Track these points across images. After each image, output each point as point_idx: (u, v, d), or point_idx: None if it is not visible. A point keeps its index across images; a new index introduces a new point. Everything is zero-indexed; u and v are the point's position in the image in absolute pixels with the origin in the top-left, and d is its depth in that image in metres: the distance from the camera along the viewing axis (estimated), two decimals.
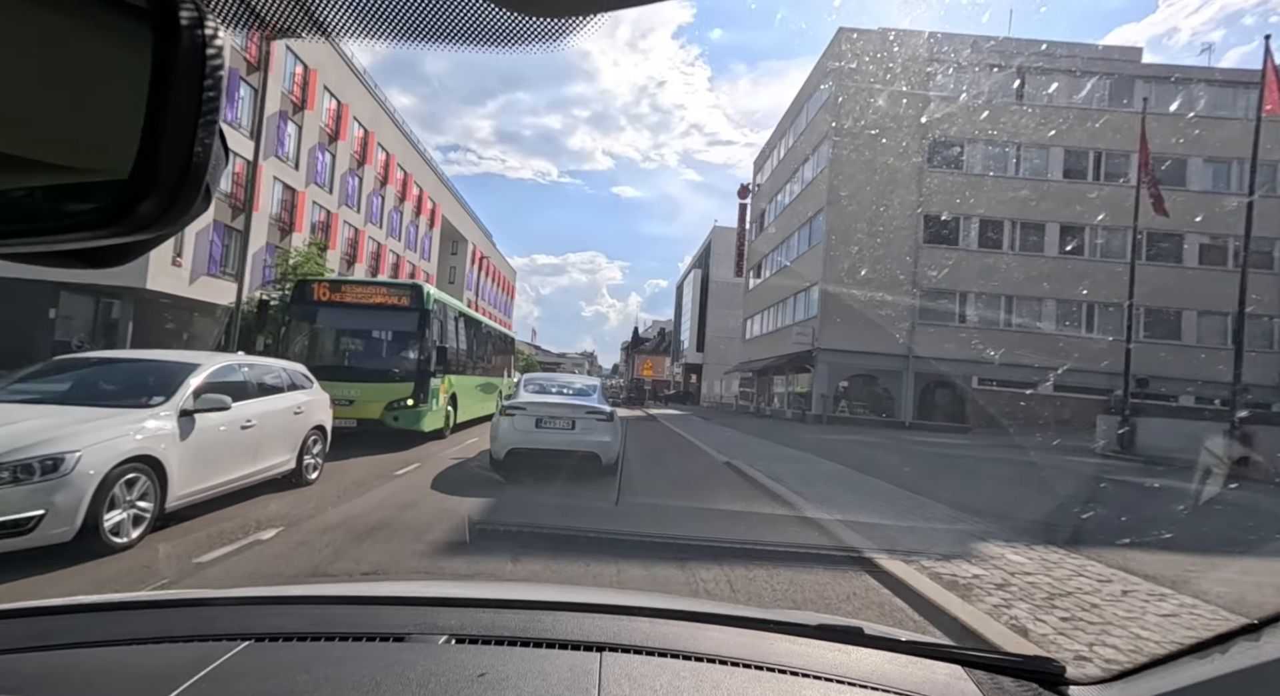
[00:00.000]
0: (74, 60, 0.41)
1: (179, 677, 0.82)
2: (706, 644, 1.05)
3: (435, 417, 11.73)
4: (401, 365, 10.92)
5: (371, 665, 0.92)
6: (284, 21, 0.54)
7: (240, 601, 1.21)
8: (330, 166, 33.14)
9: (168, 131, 0.37)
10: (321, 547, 4.69)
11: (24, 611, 1.12)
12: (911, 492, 8.41)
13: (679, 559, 4.75)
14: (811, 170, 30.69)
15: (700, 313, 62.92)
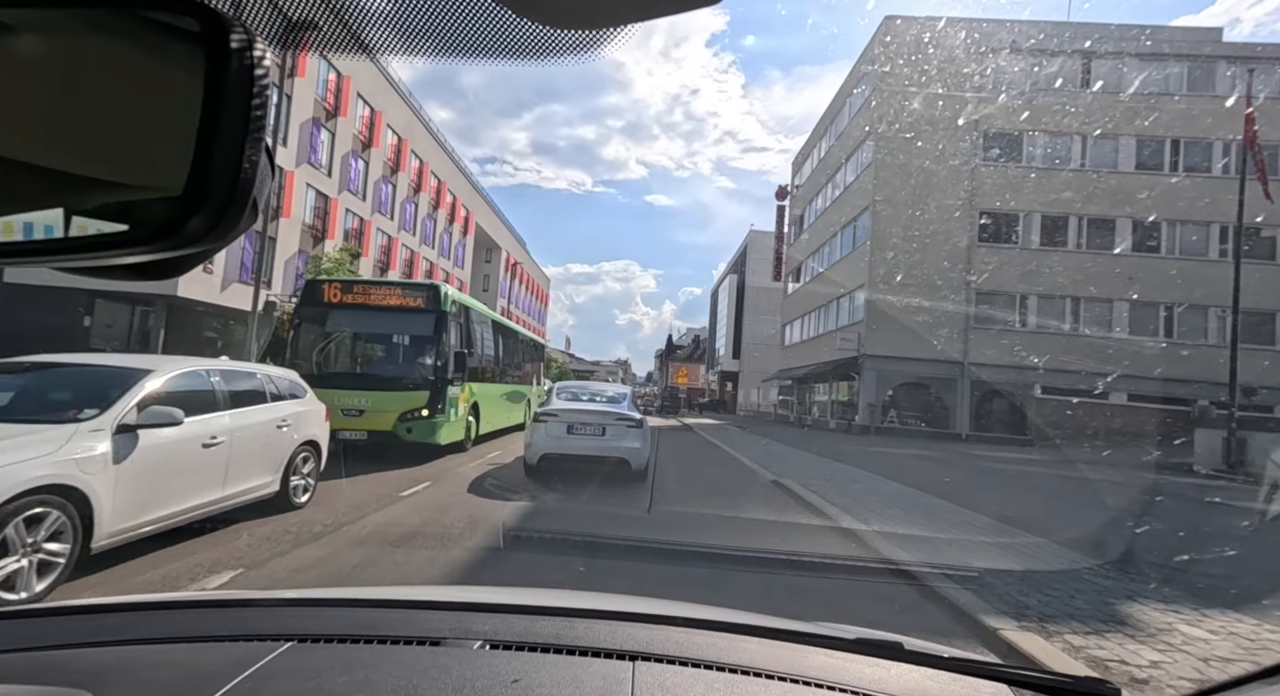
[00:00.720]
0: (132, 83, 0.43)
1: (225, 676, 0.84)
2: (741, 655, 1.03)
3: (454, 429, 10.80)
4: (416, 372, 10.02)
5: (408, 669, 0.93)
6: (330, 41, 0.58)
7: (282, 603, 1.24)
8: (363, 173, 33.05)
9: (218, 149, 0.39)
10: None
11: (82, 609, 1.19)
12: (1010, 525, 7.06)
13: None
14: (854, 168, 29.18)
15: (736, 319, 61.45)
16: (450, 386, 10.41)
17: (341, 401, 9.57)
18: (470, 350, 12.03)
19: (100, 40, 0.43)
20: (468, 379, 11.76)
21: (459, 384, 10.92)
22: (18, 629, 1.08)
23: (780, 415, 40.94)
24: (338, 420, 9.56)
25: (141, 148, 0.44)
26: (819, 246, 33.85)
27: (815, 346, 32.60)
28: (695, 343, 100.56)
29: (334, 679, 0.88)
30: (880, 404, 25.95)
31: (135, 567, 4.17)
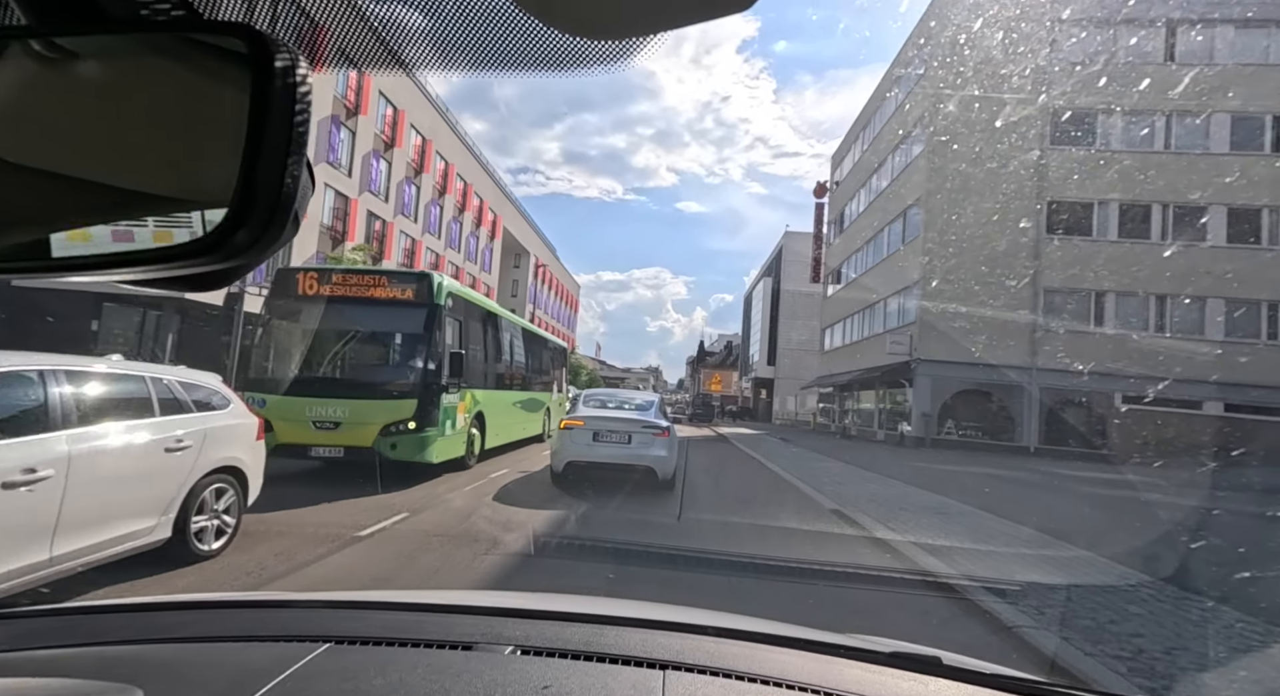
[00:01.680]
0: (183, 103, 0.46)
1: (268, 675, 0.86)
2: (773, 666, 1.02)
3: (450, 444, 9.15)
4: (402, 377, 8.41)
5: (441, 672, 0.94)
6: (369, 58, 0.61)
7: (321, 604, 1.27)
8: (385, 174, 32.10)
9: (263, 164, 0.41)
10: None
11: (133, 607, 1.23)
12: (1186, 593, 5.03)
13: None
14: (904, 157, 26.94)
15: (771, 324, 59.19)
16: (446, 394, 8.77)
17: (314, 412, 8.01)
18: (473, 351, 10.39)
19: (154, 63, 0.45)
20: (470, 385, 10.12)
21: (458, 391, 9.28)
22: (74, 624, 1.13)
23: (821, 424, 38.56)
24: (309, 434, 8.00)
25: (192, 164, 0.46)
26: (863, 244, 31.58)
27: (859, 351, 30.30)
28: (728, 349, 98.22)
29: (370, 680, 0.90)
30: (935, 413, 23.58)
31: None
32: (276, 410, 7.98)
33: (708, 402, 44.44)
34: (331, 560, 4.80)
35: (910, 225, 25.74)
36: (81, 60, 0.46)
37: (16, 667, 0.93)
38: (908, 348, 24.23)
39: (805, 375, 51.11)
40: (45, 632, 1.07)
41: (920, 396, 23.67)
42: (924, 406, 23.57)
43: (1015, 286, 22.99)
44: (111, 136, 0.47)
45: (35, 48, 0.45)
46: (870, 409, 29.62)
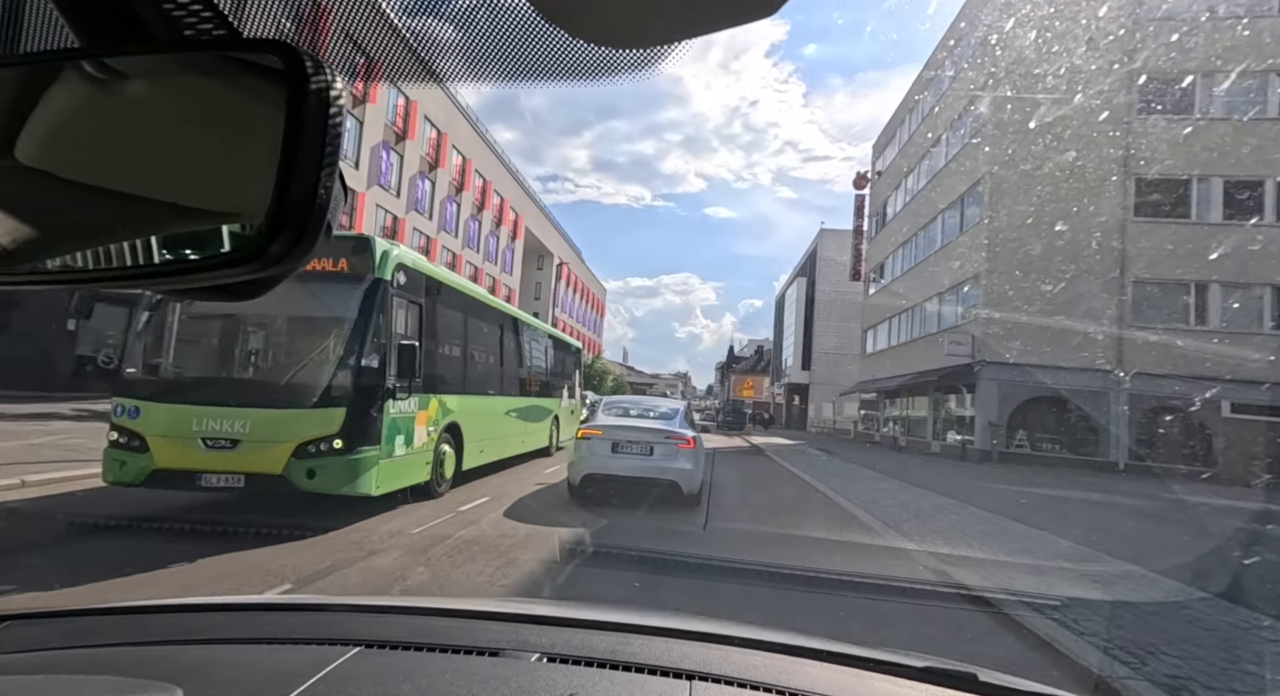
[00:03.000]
0: (221, 119, 0.48)
1: (301, 677, 0.87)
2: (802, 679, 1.00)
3: (403, 468, 6.89)
4: (326, 377, 6.15)
5: (468, 678, 0.95)
6: (402, 72, 0.62)
7: (351, 608, 1.29)
8: (397, 168, 30.40)
9: (297, 177, 0.42)
10: None
11: (172, 608, 1.27)
12: None
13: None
14: (962, 135, 24.07)
15: (805, 327, 56.22)
16: (394, 400, 6.52)
17: (204, 425, 5.81)
18: (440, 346, 8.14)
19: (195, 81, 0.47)
20: (438, 389, 7.86)
21: (414, 396, 7.03)
22: (118, 624, 1.15)
23: (863, 434, 35.57)
24: (197, 456, 5.80)
25: (231, 177, 0.48)
26: (912, 235, 28.66)
27: (909, 353, 27.37)
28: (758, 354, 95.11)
29: (399, 685, 0.91)
30: (1004, 423, 20.60)
31: None
32: (153, 422, 5.82)
33: (739, 410, 41.73)
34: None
35: (970, 211, 22.84)
36: (128, 80, 0.48)
37: (66, 664, 0.96)
38: (969, 349, 21.32)
39: (843, 380, 47.99)
40: (92, 631, 1.11)
41: (985, 404, 20.72)
42: (989, 415, 20.61)
43: (1098, 277, 19.94)
44: (155, 152, 0.49)
45: (86, 69, 0.47)
46: (923, 417, 26.64)
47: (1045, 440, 20.68)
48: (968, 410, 22.44)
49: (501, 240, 44.46)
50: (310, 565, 4.75)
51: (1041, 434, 20.77)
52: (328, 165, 0.42)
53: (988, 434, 20.54)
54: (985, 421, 20.60)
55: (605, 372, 58.48)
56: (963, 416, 23.08)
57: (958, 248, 23.47)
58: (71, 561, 4.47)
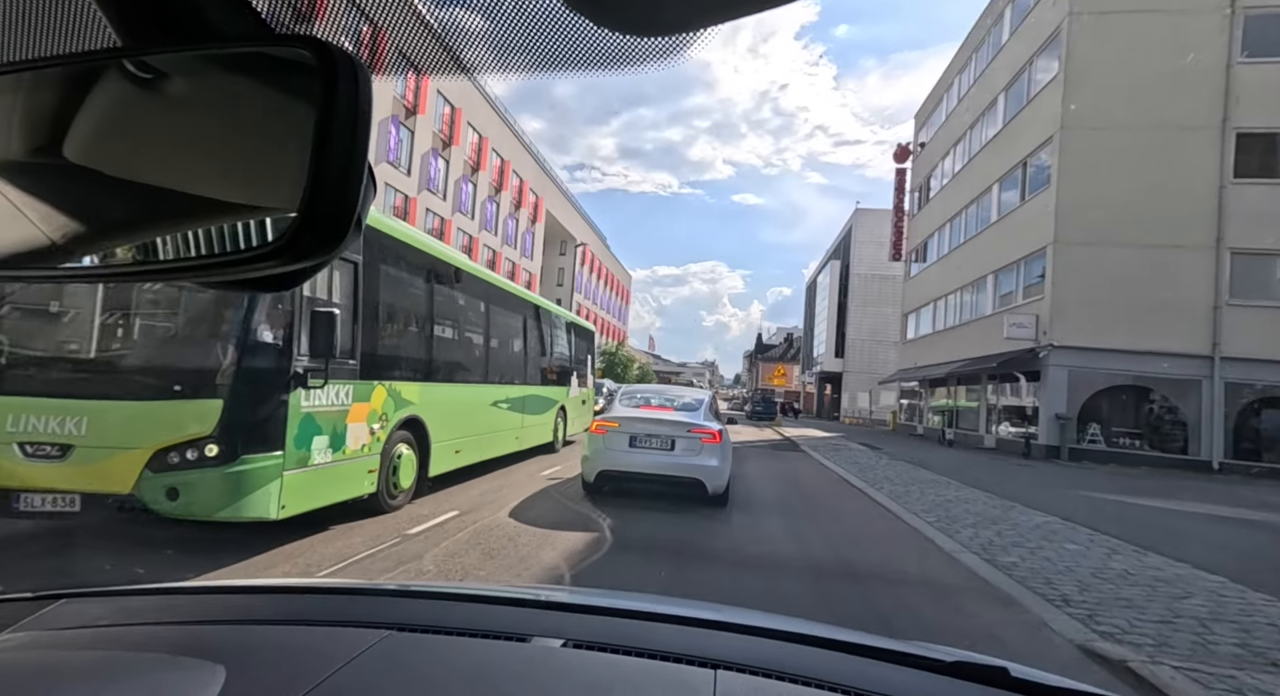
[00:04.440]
0: (254, 114, 0.49)
1: (335, 658, 0.89)
2: (828, 670, 0.98)
3: (324, 481, 5.14)
4: (192, 355, 4.38)
5: (495, 661, 0.96)
6: (431, 64, 0.62)
7: (383, 593, 1.33)
8: (408, 145, 28.81)
9: (329, 171, 0.42)
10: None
11: (214, 589, 1.32)
12: None
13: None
14: (1025, 92, 21.39)
15: (838, 313, 53.58)
16: (306, 387, 4.74)
17: (20, 425, 4.09)
18: (390, 317, 6.33)
19: (228, 77, 0.48)
20: (389, 373, 6.07)
21: (338, 383, 5.26)
22: (162, 604, 1.19)
23: (904, 425, 33.13)
24: (8, 469, 4.10)
25: (264, 171, 0.48)
26: (961, 209, 26.04)
27: (958, 338, 24.90)
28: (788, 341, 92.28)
29: (429, 667, 0.93)
30: (1074, 415, 18.16)
31: None
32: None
33: (769, 400, 39.42)
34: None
35: (1036, 176, 20.23)
36: (164, 79, 0.48)
37: (112, 641, 0.99)
38: (1032, 331, 18.86)
39: (879, 369, 45.41)
40: (140, 610, 1.14)
41: (1053, 393, 18.28)
42: (1058, 406, 18.17)
43: (1189, 248, 17.31)
44: (191, 149, 0.50)
45: (127, 67, 0.48)
46: (973, 408, 24.20)
47: (1123, 435, 18.18)
48: (1029, 400, 20.00)
49: (521, 223, 42.71)
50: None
51: (1119, 428, 18.26)
52: (359, 158, 0.43)
53: (1055, 427, 18.13)
54: (1053, 414, 18.18)
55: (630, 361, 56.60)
56: (1022, 407, 20.64)
57: (1019, 218, 20.90)
58: None
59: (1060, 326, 18.09)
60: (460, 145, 33.17)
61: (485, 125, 35.75)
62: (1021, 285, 20.56)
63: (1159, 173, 17.50)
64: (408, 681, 0.87)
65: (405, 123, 28.28)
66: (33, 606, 1.10)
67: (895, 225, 36.02)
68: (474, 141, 35.00)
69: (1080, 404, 18.25)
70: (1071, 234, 18.11)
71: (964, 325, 24.89)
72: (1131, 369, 17.75)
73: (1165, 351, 17.23)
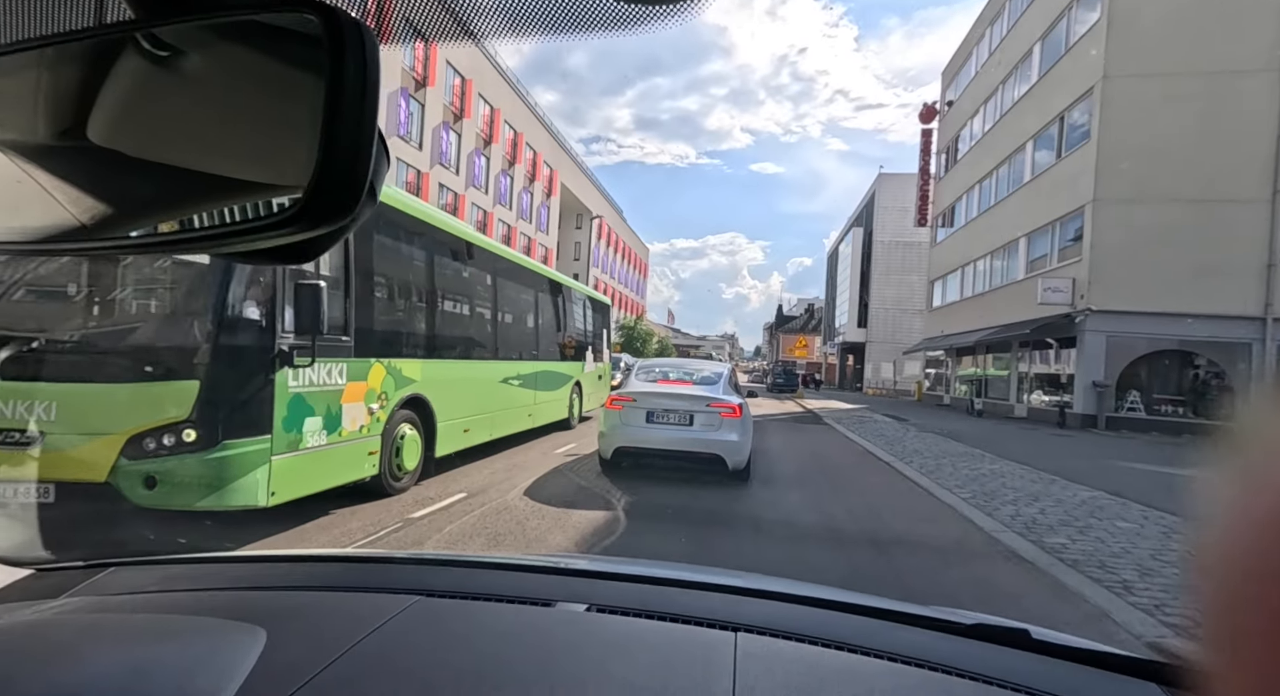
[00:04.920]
0: (263, 84, 0.49)
1: (369, 621, 0.92)
2: (848, 633, 0.99)
3: (318, 465, 4.85)
4: (167, 333, 4.06)
5: (521, 624, 0.98)
6: (438, 31, 0.63)
7: (412, 561, 1.37)
8: (419, 118, 28.26)
9: (341, 142, 0.43)
10: None
11: (255, 558, 1.36)
12: None
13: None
14: (1063, 38, 20.10)
15: (861, 281, 52.42)
16: (291, 367, 4.42)
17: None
18: (387, 290, 5.98)
19: (235, 49, 0.48)
20: (382, 350, 5.74)
21: (330, 361, 4.94)
22: (206, 571, 1.23)
23: (930, 395, 32.39)
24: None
25: (275, 141, 0.49)
26: (992, 169, 24.86)
27: (988, 305, 24.00)
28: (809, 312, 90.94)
29: (457, 630, 0.95)
30: (1112, 382, 17.38)
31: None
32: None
33: (790, 371, 38.81)
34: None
35: (1074, 131, 19.09)
36: (176, 54, 0.48)
37: (159, 606, 1.04)
38: (1068, 296, 18.00)
39: (903, 338, 44.40)
40: (185, 577, 1.19)
41: (1090, 360, 17.49)
42: (1095, 373, 17.40)
43: (1240, 203, 16.24)
44: (204, 122, 0.50)
45: (140, 43, 0.48)
46: (1004, 377, 23.41)
47: (1165, 402, 17.37)
48: (1064, 367, 19.22)
49: (536, 197, 42.07)
50: None
51: (1160, 395, 17.45)
52: (368, 122, 0.43)
53: (1091, 395, 17.38)
54: (1090, 382, 17.42)
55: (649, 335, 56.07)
56: (1056, 375, 19.86)
57: (1054, 177, 19.82)
58: None
59: (1098, 290, 17.21)
60: (472, 118, 32.50)
61: (497, 97, 34.96)
62: (1056, 247, 19.60)
63: (1210, 122, 16.35)
64: (437, 643, 0.91)
65: (415, 96, 27.70)
66: (84, 574, 1.15)
67: (921, 189, 34.70)
68: (486, 114, 34.28)
69: (1119, 370, 17.45)
70: (1112, 191, 17.10)
71: (994, 291, 23.96)
72: (1175, 333, 16.87)
73: (1213, 314, 16.31)
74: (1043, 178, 20.71)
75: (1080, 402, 17.75)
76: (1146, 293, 16.72)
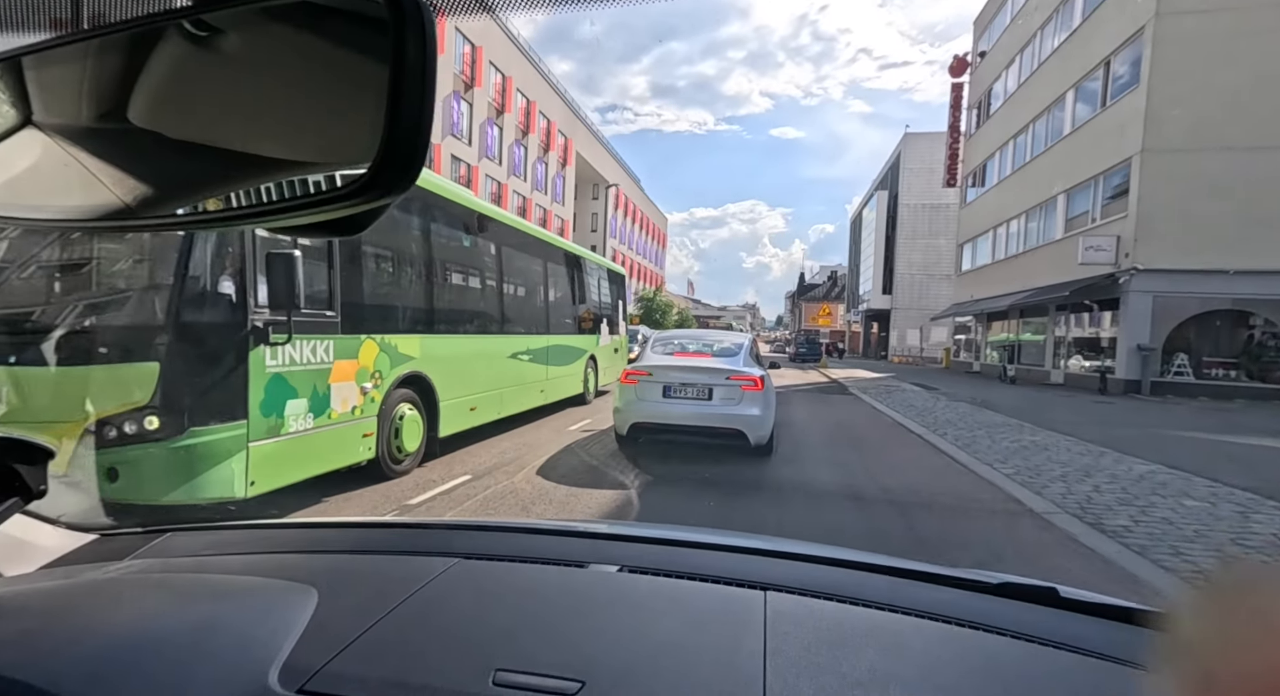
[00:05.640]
0: (324, 62, 0.50)
1: (413, 582, 0.96)
2: (876, 593, 1.00)
3: (306, 451, 4.50)
4: (124, 311, 3.68)
5: (556, 584, 1.01)
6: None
7: (451, 527, 1.43)
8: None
9: (402, 119, 0.43)
10: None
11: (306, 524, 1.52)
12: None
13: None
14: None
15: (886, 247, 50.95)
16: (267, 344, 4.04)
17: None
18: (377, 262, 5.54)
19: (289, 28, 0.48)
20: (374, 326, 5.34)
21: (324, 338, 4.55)
22: (257, 536, 1.30)
23: (959, 363, 31.45)
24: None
25: (337, 116, 0.49)
26: (1029, 121, 23.47)
27: (1022, 267, 22.93)
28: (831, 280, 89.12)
29: (494, 589, 0.98)
30: (1159, 345, 16.45)
31: None
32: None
33: (813, 340, 37.96)
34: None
35: (1120, 77, 17.78)
36: (231, 38, 0.49)
37: (216, 567, 1.09)
38: (1112, 254, 16.98)
39: (930, 304, 43.16)
40: (238, 542, 1.25)
41: (1134, 322, 16.55)
42: (1140, 336, 16.47)
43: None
44: (263, 105, 0.51)
45: (194, 31, 0.50)
46: (1038, 341, 22.45)
47: (1215, 366, 16.41)
48: (1105, 330, 18.27)
49: (551, 167, 41.24)
50: None
51: (1210, 357, 16.48)
52: (429, 99, 0.44)
53: (1135, 359, 16.49)
54: (1133, 344, 16.51)
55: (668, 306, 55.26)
56: (1096, 339, 18.92)
57: (1097, 128, 18.57)
58: None
59: (1145, 247, 16.17)
60: (483, 87, 31.68)
61: (507, 64, 33.99)
62: (1099, 203, 18.46)
63: (1274, 61, 15.01)
64: (476, 601, 0.94)
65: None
66: (143, 539, 1.23)
67: (950, 147, 33.15)
68: (497, 82, 33.39)
69: (1166, 333, 16.50)
70: (1163, 140, 15.91)
71: (1029, 252, 22.85)
72: (1230, 291, 15.82)
73: (1271, 269, 15.22)
74: (1084, 129, 19.43)
75: (1123, 367, 16.87)
76: (1197, 249, 15.65)
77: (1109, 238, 17.20)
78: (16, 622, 0.78)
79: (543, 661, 0.77)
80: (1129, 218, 16.61)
